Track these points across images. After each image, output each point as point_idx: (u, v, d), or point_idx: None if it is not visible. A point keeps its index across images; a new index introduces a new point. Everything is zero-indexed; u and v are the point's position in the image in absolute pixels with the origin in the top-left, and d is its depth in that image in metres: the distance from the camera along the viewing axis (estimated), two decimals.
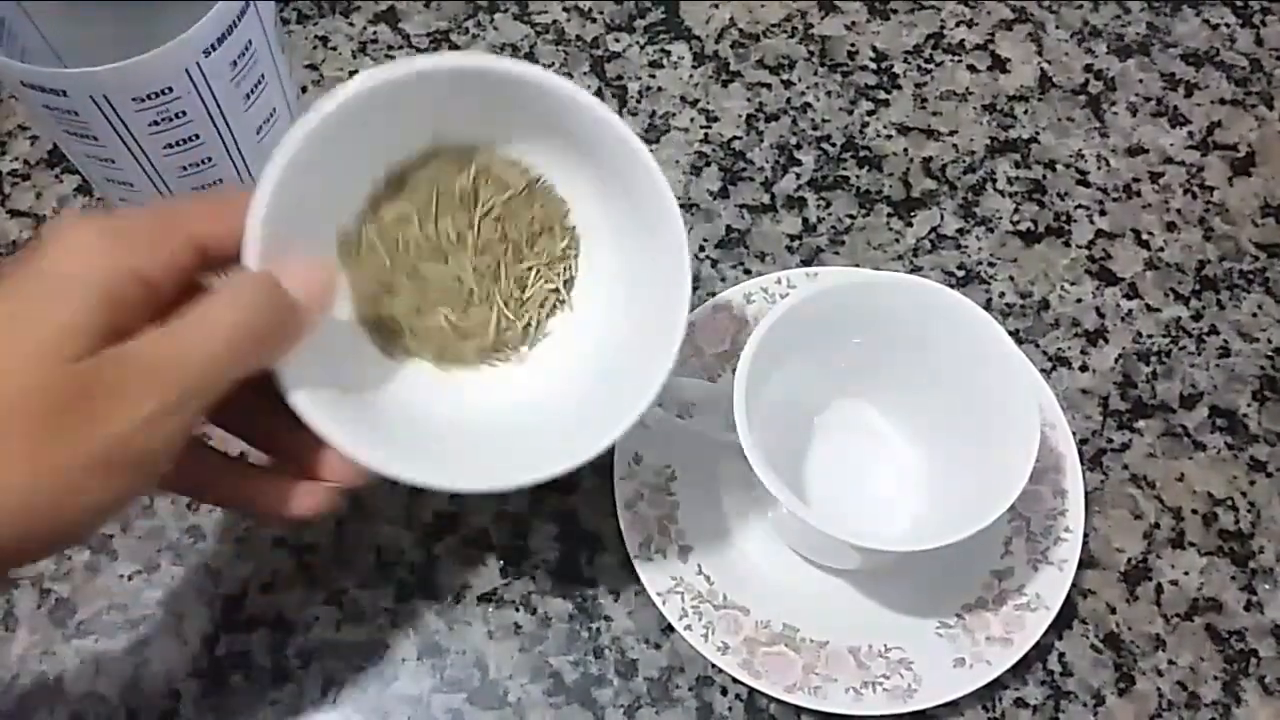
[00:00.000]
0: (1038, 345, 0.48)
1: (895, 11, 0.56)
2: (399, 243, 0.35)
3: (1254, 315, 0.49)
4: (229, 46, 0.35)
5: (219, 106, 0.36)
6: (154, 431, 0.26)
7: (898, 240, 0.50)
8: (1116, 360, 0.47)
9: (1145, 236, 0.51)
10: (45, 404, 0.25)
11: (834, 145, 0.52)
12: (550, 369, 0.37)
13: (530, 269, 0.36)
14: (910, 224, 0.50)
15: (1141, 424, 0.46)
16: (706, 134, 0.52)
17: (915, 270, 0.49)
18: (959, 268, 0.49)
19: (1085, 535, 0.42)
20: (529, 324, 0.37)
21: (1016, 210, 0.51)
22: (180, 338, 0.27)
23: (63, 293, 0.26)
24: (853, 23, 0.56)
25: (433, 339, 0.36)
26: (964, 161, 0.52)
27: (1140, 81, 0.55)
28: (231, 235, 0.29)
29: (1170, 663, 0.41)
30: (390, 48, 0.55)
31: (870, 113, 0.53)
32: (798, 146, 0.52)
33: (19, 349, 0.25)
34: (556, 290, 0.37)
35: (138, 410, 0.26)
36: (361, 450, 0.31)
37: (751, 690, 0.40)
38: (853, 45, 0.55)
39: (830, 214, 0.51)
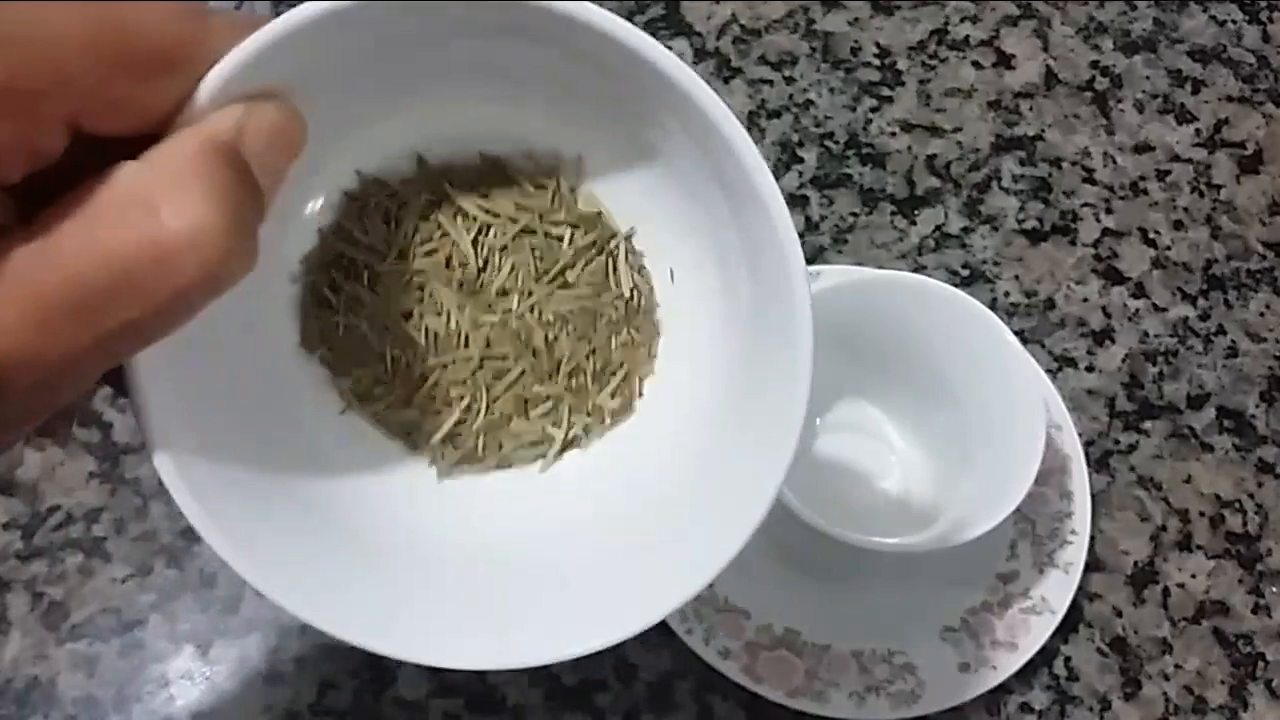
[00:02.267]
0: (1043, 345, 0.47)
1: (899, 7, 0.56)
2: (411, 274, 0.24)
3: (1262, 315, 0.48)
4: None
5: None
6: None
7: (901, 239, 0.49)
8: (1123, 360, 0.47)
9: (1152, 235, 0.50)
10: None
11: (837, 142, 0.52)
12: (589, 483, 0.25)
13: (595, 350, 0.25)
14: (914, 222, 0.50)
15: (1148, 425, 0.45)
16: None
17: (919, 269, 0.49)
18: (963, 267, 0.49)
19: (1091, 538, 0.42)
20: (586, 428, 0.25)
21: (1022, 208, 0.50)
22: (77, 266, 0.16)
23: None
24: (856, 18, 0.56)
25: (445, 419, 0.24)
26: (969, 159, 0.52)
27: (1147, 78, 0.54)
28: (133, 90, 0.17)
29: (1177, 667, 0.41)
30: None
31: (874, 109, 0.53)
32: (800, 144, 0.52)
33: None
34: (631, 386, 0.25)
35: None
36: (286, 593, 0.21)
37: (753, 695, 0.40)
38: (856, 41, 0.55)
39: (833, 212, 0.50)
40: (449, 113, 0.23)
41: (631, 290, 0.25)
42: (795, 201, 0.50)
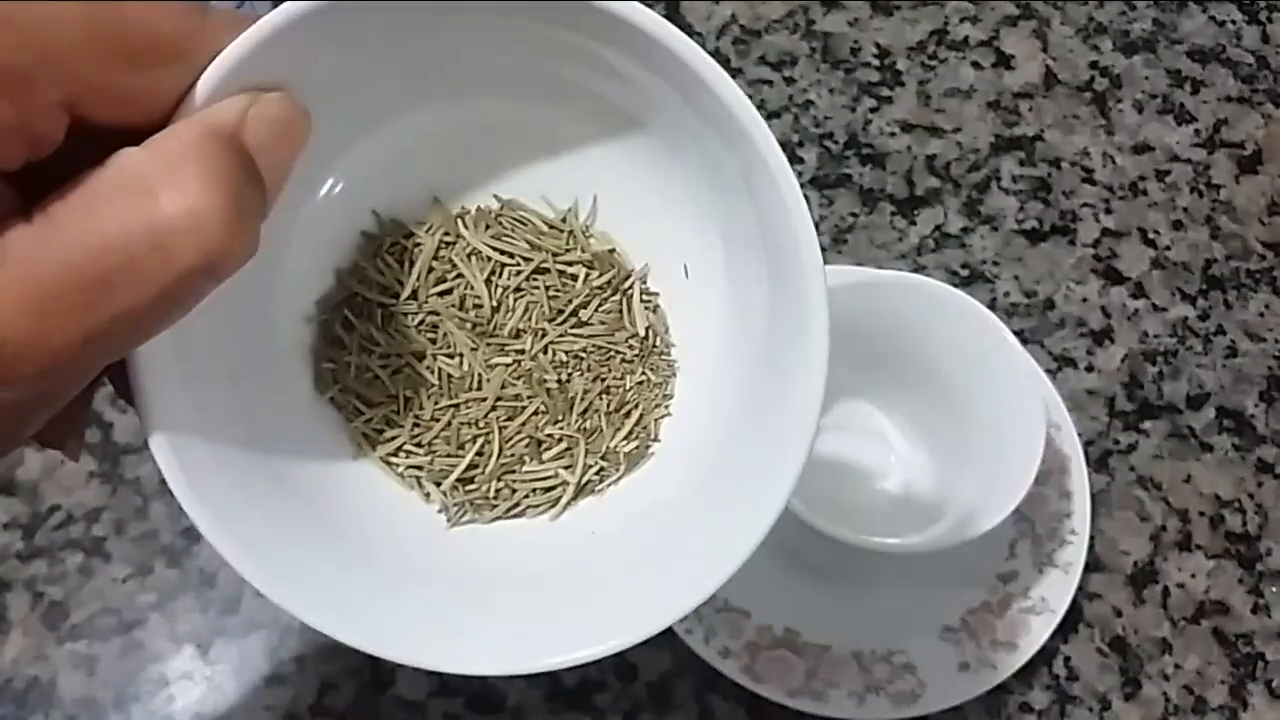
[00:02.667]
0: (1043, 345, 0.47)
1: (899, 7, 0.56)
2: (425, 315, 0.23)
3: (1261, 315, 0.48)
4: None
5: None
6: None
7: (901, 239, 0.49)
8: (1123, 360, 0.47)
9: (1152, 235, 0.50)
10: None
11: (836, 143, 0.52)
12: (599, 509, 0.25)
13: (609, 389, 0.24)
14: (914, 222, 0.50)
15: (1148, 425, 0.46)
16: None
17: (919, 269, 0.49)
18: (963, 267, 0.49)
19: (1091, 538, 0.42)
20: (601, 472, 0.24)
21: (1021, 209, 0.50)
22: (76, 252, 0.16)
23: None
24: (855, 19, 0.56)
25: (440, 459, 0.24)
26: (968, 159, 0.52)
27: (1146, 79, 0.54)
28: (132, 80, 0.17)
29: (1177, 666, 0.41)
30: None
31: (873, 110, 0.53)
32: (800, 144, 0.52)
33: None
34: (646, 428, 0.25)
35: None
36: (294, 600, 0.21)
37: (753, 695, 0.40)
38: (855, 41, 0.55)
39: (833, 212, 0.50)
40: (459, 116, 0.23)
41: (646, 329, 0.24)
42: None
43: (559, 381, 0.24)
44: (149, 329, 0.17)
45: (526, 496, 0.24)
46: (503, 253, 0.24)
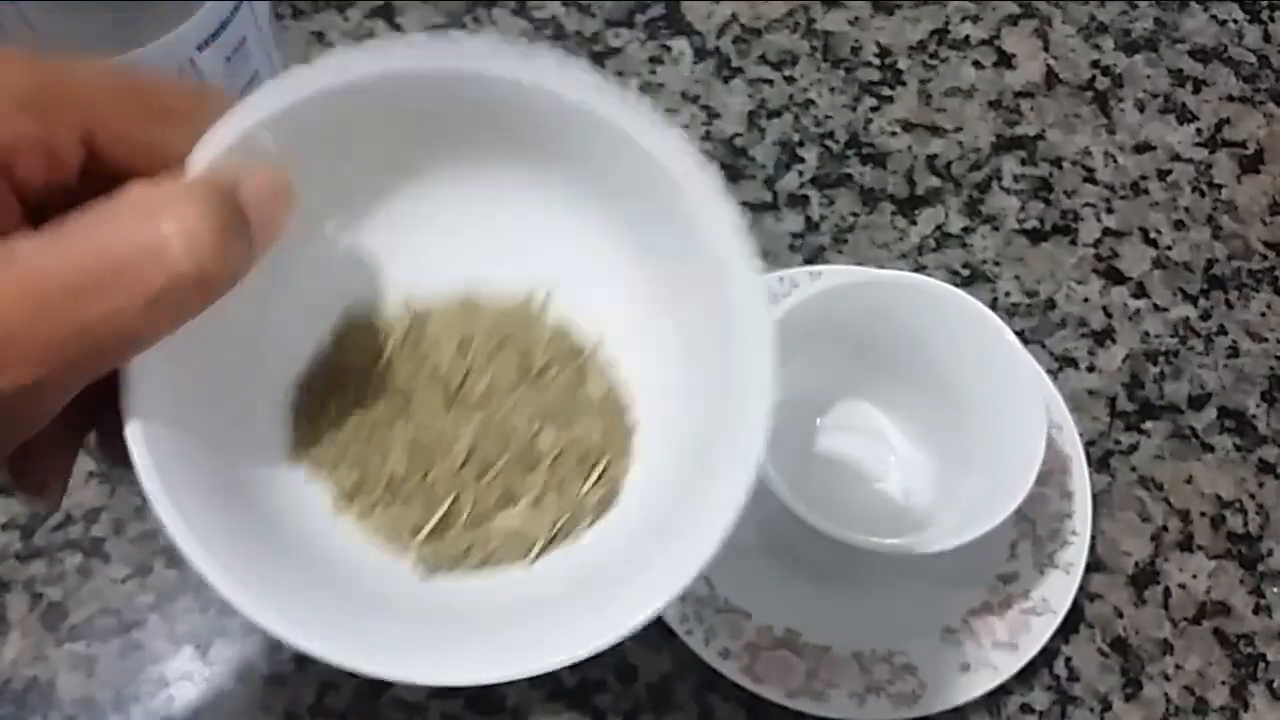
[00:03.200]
0: (1044, 345, 0.47)
1: (900, 7, 0.56)
2: (399, 386, 0.25)
3: (1263, 315, 0.48)
4: (222, 43, 0.35)
5: None
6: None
7: (902, 239, 0.50)
8: (1124, 360, 0.47)
9: (1153, 235, 0.50)
10: None
11: (837, 142, 0.52)
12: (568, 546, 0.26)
13: (575, 439, 0.26)
14: (914, 222, 0.50)
15: (1149, 425, 0.46)
16: (708, 131, 0.52)
17: (920, 269, 0.49)
18: (964, 266, 0.49)
19: (1092, 538, 0.42)
20: (570, 521, 0.25)
21: (1022, 208, 0.50)
22: (77, 254, 0.17)
23: None
24: (856, 18, 0.56)
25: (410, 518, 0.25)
26: (969, 159, 0.52)
27: (1148, 78, 0.54)
28: (143, 132, 0.20)
29: (1178, 667, 0.41)
30: None
31: (874, 109, 0.53)
32: (800, 144, 0.52)
33: None
34: (613, 477, 0.26)
35: None
36: (258, 609, 0.22)
37: (753, 696, 0.40)
38: (856, 41, 0.55)
39: (833, 212, 0.50)
40: (433, 201, 0.26)
41: (607, 391, 0.26)
42: (796, 201, 0.50)
43: (528, 438, 0.25)
44: (137, 337, 0.19)
45: (499, 548, 0.25)
46: (470, 329, 0.26)
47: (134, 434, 0.21)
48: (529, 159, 0.25)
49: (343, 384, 0.25)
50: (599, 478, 0.25)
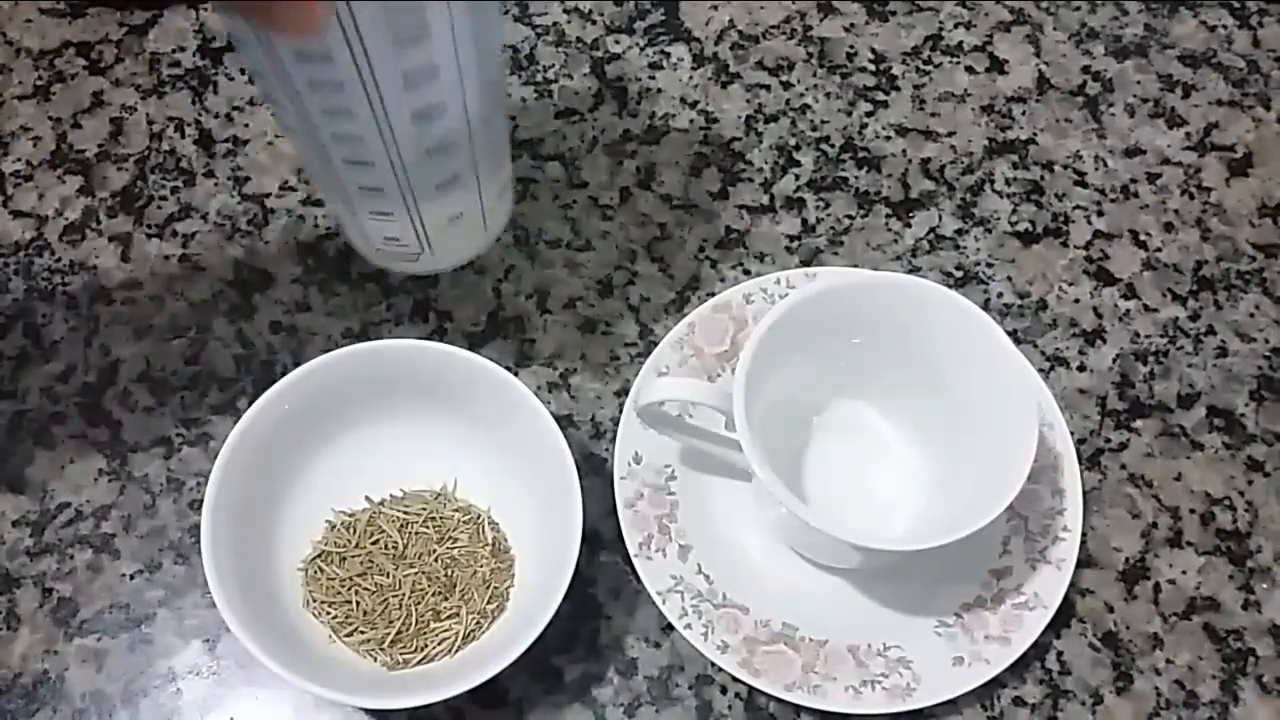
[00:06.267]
0: (1036, 345, 0.48)
1: (894, 13, 0.57)
2: (365, 555, 0.41)
3: (1251, 315, 0.49)
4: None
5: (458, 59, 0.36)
6: None
7: (896, 241, 0.50)
8: (1114, 360, 0.48)
9: (1143, 237, 0.51)
10: None
11: (833, 146, 0.53)
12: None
13: (476, 573, 0.41)
14: (909, 225, 0.51)
15: (1139, 424, 0.46)
16: (706, 135, 0.53)
17: (914, 271, 0.49)
18: (957, 268, 0.50)
19: (1083, 534, 0.43)
20: (478, 623, 0.40)
21: (1014, 211, 0.51)
22: None
23: None
24: (851, 24, 0.56)
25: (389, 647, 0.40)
26: (962, 162, 0.52)
27: (1138, 83, 0.55)
28: None
29: (1168, 661, 0.41)
30: None
31: (869, 114, 0.54)
32: (797, 147, 0.52)
33: None
34: (502, 594, 0.41)
35: None
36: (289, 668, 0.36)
37: (751, 689, 0.40)
38: (851, 47, 0.55)
39: (829, 215, 0.51)
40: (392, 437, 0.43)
41: (493, 540, 0.41)
42: (792, 204, 0.51)
43: (446, 575, 0.40)
44: None
45: (433, 647, 0.39)
46: (407, 513, 0.41)
47: (209, 566, 0.36)
48: (435, 401, 0.41)
49: (330, 560, 0.41)
50: (491, 595, 0.40)
